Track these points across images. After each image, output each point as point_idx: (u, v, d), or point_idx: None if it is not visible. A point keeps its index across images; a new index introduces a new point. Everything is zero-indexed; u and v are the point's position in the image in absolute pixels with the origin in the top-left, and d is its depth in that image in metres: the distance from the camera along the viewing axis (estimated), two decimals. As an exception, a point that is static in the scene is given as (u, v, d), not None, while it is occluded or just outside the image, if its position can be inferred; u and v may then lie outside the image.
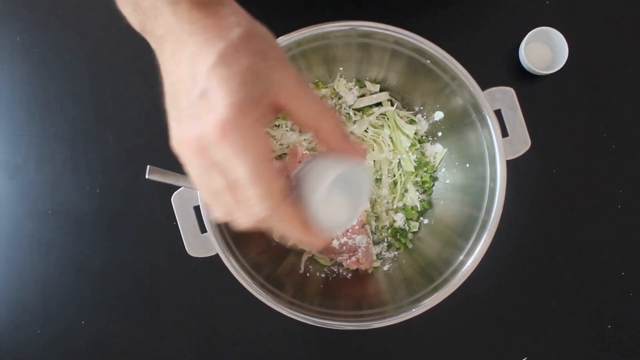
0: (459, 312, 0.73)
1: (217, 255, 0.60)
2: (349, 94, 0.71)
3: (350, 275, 0.71)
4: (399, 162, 0.72)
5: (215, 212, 0.36)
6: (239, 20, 0.33)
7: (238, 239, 0.62)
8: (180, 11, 0.33)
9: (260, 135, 0.32)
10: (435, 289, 0.59)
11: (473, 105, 0.61)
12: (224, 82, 0.31)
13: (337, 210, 0.40)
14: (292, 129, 0.71)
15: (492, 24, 0.76)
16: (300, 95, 0.35)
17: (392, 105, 0.72)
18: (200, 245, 0.61)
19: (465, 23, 0.76)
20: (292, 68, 0.35)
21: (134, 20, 0.36)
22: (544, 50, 0.74)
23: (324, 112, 0.36)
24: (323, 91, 0.72)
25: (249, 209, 0.34)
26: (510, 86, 0.61)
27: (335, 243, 0.67)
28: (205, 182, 0.34)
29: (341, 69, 0.70)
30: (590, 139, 0.75)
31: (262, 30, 0.35)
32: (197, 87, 0.32)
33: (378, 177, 0.71)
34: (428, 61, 0.61)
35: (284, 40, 0.60)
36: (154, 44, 0.36)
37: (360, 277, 0.71)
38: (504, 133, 0.61)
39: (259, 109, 0.32)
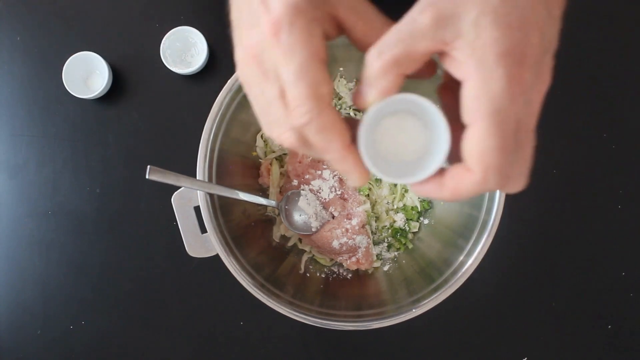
0: (459, 312, 0.73)
1: (217, 255, 0.60)
2: (349, 94, 0.71)
3: (350, 275, 0.71)
4: (399, 162, 0.72)
5: (270, 129, 0.34)
6: None
7: (238, 239, 0.62)
8: None
9: (313, 36, 0.31)
10: (436, 289, 0.59)
11: (473, 106, 0.61)
12: None
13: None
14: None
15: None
16: (359, 9, 0.33)
17: (392, 105, 0.72)
18: (200, 245, 0.61)
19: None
20: None
21: None
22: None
23: (384, 29, 0.33)
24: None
25: (291, 114, 0.32)
26: (511, 86, 0.61)
27: (335, 243, 0.67)
28: (259, 94, 0.33)
29: (341, 69, 0.70)
30: (590, 139, 0.75)
31: None
32: None
33: (378, 178, 0.71)
34: (428, 61, 0.61)
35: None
36: None
37: (360, 277, 0.71)
38: (504, 133, 0.60)
39: (316, 12, 0.31)
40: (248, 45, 0.33)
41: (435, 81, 0.65)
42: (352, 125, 0.34)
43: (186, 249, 0.61)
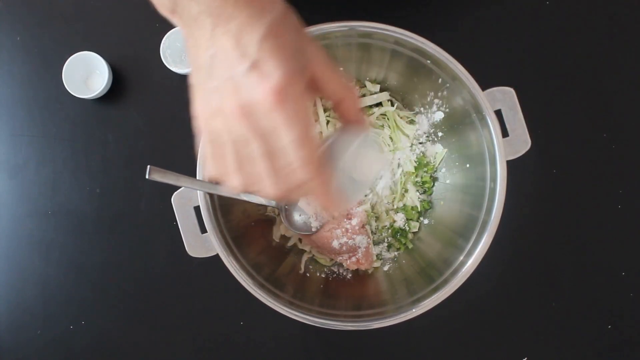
0: (459, 312, 0.73)
1: (217, 255, 0.60)
2: (349, 94, 0.71)
3: (350, 275, 0.71)
4: (399, 162, 0.72)
5: (235, 181, 0.37)
6: None
7: (238, 239, 0.62)
8: None
9: (308, 104, 0.35)
10: (436, 289, 0.59)
11: (473, 105, 0.61)
12: (276, 53, 0.33)
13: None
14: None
15: (493, 23, 0.76)
16: (330, 69, 0.38)
17: (392, 105, 0.72)
18: (200, 245, 0.61)
19: (465, 23, 0.76)
20: (321, 46, 0.38)
21: (164, 2, 0.37)
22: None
23: (348, 87, 0.40)
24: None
25: (288, 175, 0.36)
26: (510, 86, 0.61)
27: (335, 243, 0.67)
28: (234, 151, 0.36)
29: (341, 69, 0.70)
30: (590, 139, 0.75)
31: (291, 9, 0.37)
32: (248, 58, 0.33)
33: (378, 178, 0.71)
34: (428, 61, 0.61)
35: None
36: (185, 23, 0.37)
37: (360, 277, 0.71)
38: (504, 133, 0.61)
39: (305, 80, 0.35)
40: (234, 104, 0.34)
41: (436, 81, 0.65)
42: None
43: (186, 249, 0.61)
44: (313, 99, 0.37)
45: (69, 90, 0.72)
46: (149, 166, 0.54)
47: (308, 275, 0.70)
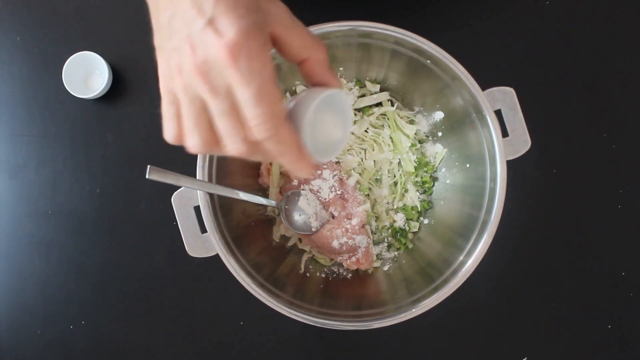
0: (459, 312, 0.73)
1: (217, 255, 0.60)
2: (349, 94, 0.71)
3: (350, 275, 0.71)
4: (399, 162, 0.72)
5: (192, 141, 0.36)
6: None
7: (238, 239, 0.62)
8: None
9: (267, 59, 0.34)
10: (436, 289, 0.59)
11: (473, 105, 0.61)
12: (231, 10, 0.33)
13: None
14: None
15: (493, 23, 0.76)
16: (294, 27, 0.37)
17: (392, 105, 0.72)
18: (200, 245, 0.61)
19: (465, 23, 0.76)
20: (284, 5, 0.37)
21: None
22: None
23: (314, 44, 0.38)
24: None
25: (252, 130, 0.35)
26: (510, 86, 0.61)
27: (335, 243, 0.67)
28: (192, 110, 0.35)
29: (341, 69, 0.70)
30: (590, 139, 0.75)
31: None
32: (204, 16, 0.33)
33: (378, 178, 0.71)
34: (428, 61, 0.61)
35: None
36: None
37: (360, 277, 0.71)
38: (504, 133, 0.61)
39: (263, 36, 0.35)
40: (193, 62, 0.34)
41: (435, 81, 0.65)
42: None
43: (186, 249, 0.61)
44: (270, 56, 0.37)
45: (69, 90, 0.72)
46: (149, 166, 0.54)
47: (308, 275, 0.70)
